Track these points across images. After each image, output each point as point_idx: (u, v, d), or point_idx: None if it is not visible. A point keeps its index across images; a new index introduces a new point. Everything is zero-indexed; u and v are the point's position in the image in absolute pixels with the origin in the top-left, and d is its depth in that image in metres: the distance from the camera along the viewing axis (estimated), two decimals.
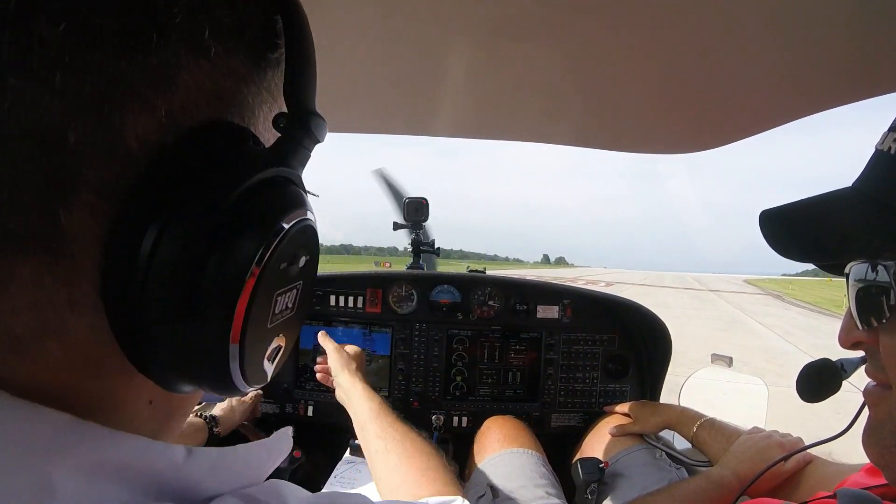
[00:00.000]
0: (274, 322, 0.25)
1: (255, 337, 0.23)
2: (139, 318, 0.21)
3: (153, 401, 0.25)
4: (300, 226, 0.24)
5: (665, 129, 0.95)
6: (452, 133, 1.07)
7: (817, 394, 0.54)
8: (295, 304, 0.27)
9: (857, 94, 0.66)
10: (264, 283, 0.22)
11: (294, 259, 0.25)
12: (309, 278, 0.28)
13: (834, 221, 0.42)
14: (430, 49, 0.67)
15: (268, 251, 0.22)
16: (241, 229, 0.21)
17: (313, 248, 0.27)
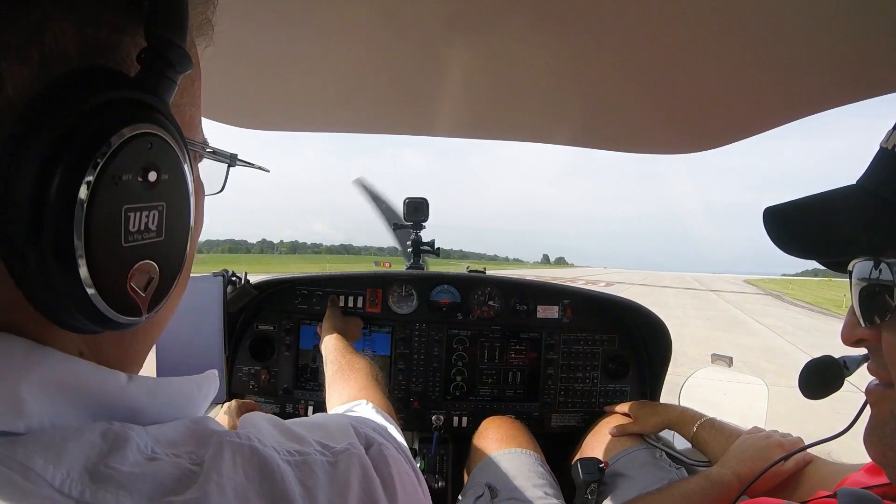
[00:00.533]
0: (131, 241, 0.25)
1: (107, 254, 0.24)
2: (18, 259, 0.22)
3: (83, 353, 0.27)
4: (141, 139, 0.24)
5: (665, 130, 0.95)
6: (452, 133, 1.07)
7: (820, 390, 0.54)
8: (161, 228, 0.27)
9: (857, 94, 0.66)
10: (102, 194, 0.23)
11: (141, 173, 0.25)
12: (176, 202, 0.28)
13: (837, 219, 0.42)
14: (430, 49, 0.67)
15: (101, 161, 0.22)
16: (72, 144, 0.22)
17: (169, 167, 0.27)
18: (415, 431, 1.35)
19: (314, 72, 0.76)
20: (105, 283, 0.24)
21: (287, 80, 0.80)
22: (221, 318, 1.10)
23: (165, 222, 0.27)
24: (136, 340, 0.32)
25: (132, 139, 0.24)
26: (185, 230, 0.29)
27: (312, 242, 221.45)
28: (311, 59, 0.71)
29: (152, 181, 0.25)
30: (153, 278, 0.27)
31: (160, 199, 0.26)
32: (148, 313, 0.27)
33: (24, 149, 0.21)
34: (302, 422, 0.37)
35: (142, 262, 0.26)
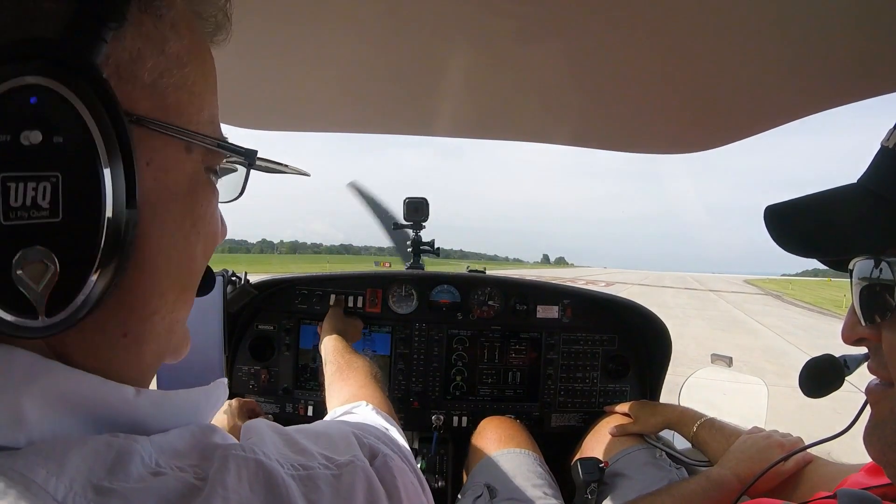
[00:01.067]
0: (14, 219, 0.21)
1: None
2: None
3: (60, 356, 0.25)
4: (21, 91, 0.21)
5: (665, 129, 0.95)
6: (452, 133, 1.07)
7: (820, 389, 0.54)
8: (57, 206, 0.22)
9: (857, 94, 0.66)
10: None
11: (22, 133, 0.21)
12: (79, 173, 0.23)
13: (838, 217, 0.42)
14: (431, 50, 0.67)
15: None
16: None
17: (67, 128, 0.22)
18: (415, 431, 1.35)
19: (315, 72, 0.76)
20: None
21: (287, 80, 0.80)
22: (221, 318, 1.10)
23: (63, 198, 0.22)
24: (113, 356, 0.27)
25: (11, 92, 0.21)
26: (95, 211, 0.23)
27: (312, 242, 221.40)
28: (312, 59, 0.71)
29: (35, 143, 0.21)
30: (50, 269, 0.22)
31: (52, 168, 0.22)
32: (50, 316, 0.22)
33: None
34: (305, 430, 0.36)
35: (30, 248, 0.22)
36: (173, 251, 0.29)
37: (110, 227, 0.24)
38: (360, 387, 0.78)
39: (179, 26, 0.28)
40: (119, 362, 0.28)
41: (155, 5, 0.27)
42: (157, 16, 0.27)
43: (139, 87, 0.26)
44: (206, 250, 0.33)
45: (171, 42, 0.27)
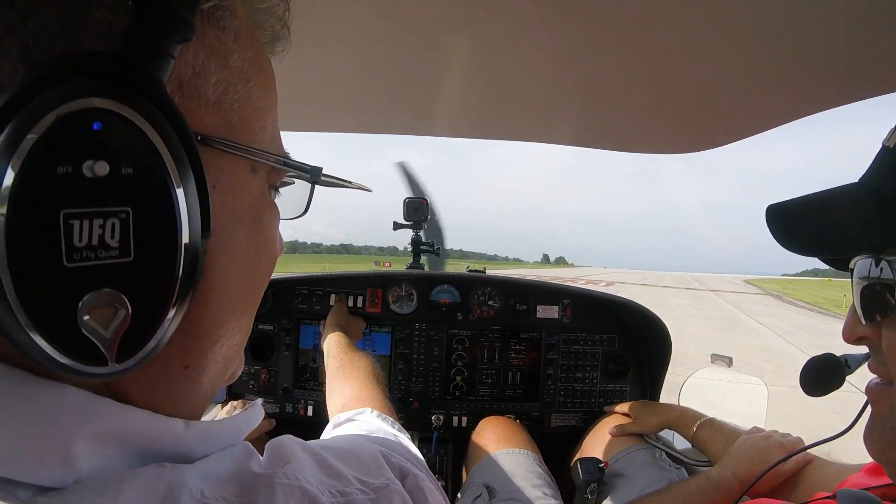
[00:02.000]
0: (77, 260, 0.19)
1: (41, 279, 0.18)
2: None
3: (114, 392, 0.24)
4: (84, 116, 0.18)
5: (665, 129, 0.95)
6: (452, 133, 1.07)
7: (820, 388, 0.54)
8: (128, 244, 0.20)
9: (857, 94, 0.66)
10: (26, 192, 0.17)
11: (87, 165, 0.19)
12: (152, 208, 0.21)
13: (839, 216, 0.42)
14: (431, 49, 0.67)
15: (22, 145, 0.17)
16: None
17: (137, 158, 0.20)
18: (415, 431, 1.35)
19: (314, 72, 0.76)
20: (45, 320, 0.19)
21: (287, 80, 0.80)
22: None
23: (134, 235, 0.20)
24: (174, 389, 0.27)
25: (70, 117, 0.18)
26: (170, 247, 0.21)
27: (312, 242, 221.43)
28: (311, 59, 0.71)
29: (101, 175, 0.19)
30: (120, 313, 0.20)
31: (121, 202, 0.20)
32: (120, 362, 0.21)
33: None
34: (333, 449, 0.35)
35: (98, 292, 0.20)
36: (238, 278, 0.28)
37: (186, 263, 0.22)
38: (361, 388, 0.77)
39: (242, 38, 0.26)
40: (177, 394, 0.27)
41: (218, 15, 0.25)
42: (220, 27, 0.25)
43: (203, 104, 0.24)
44: (268, 273, 0.31)
45: (235, 55, 0.26)
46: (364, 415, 0.62)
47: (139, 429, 0.24)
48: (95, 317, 0.20)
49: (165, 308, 0.22)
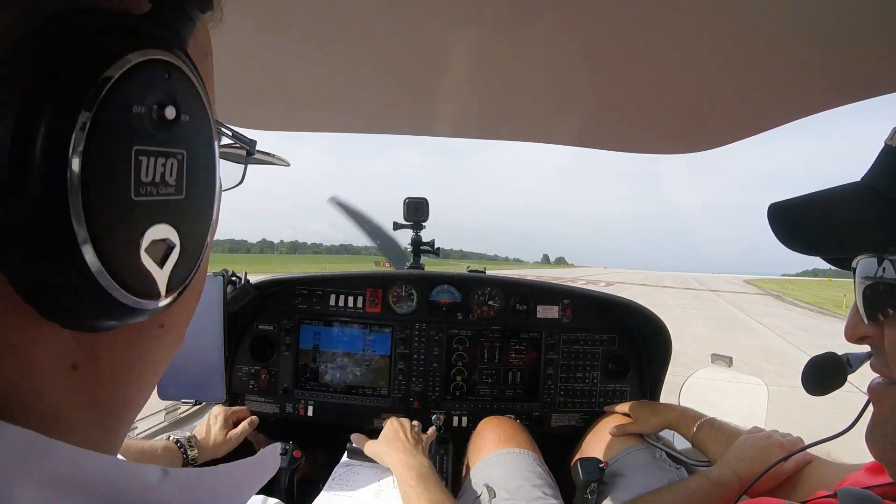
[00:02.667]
0: (143, 195, 0.20)
1: (112, 209, 0.19)
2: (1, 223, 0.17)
3: (77, 365, 0.21)
4: (157, 65, 0.20)
5: (665, 130, 0.95)
6: (452, 133, 1.07)
7: (822, 387, 0.54)
8: (181, 184, 0.22)
9: (857, 94, 0.66)
10: (107, 125, 0.18)
11: (157, 107, 0.20)
12: (199, 153, 0.23)
13: (841, 215, 0.42)
14: (431, 49, 0.67)
15: (101, 90, 0.18)
16: (67, 67, 0.18)
17: (191, 107, 0.22)
18: None
19: (314, 72, 0.76)
20: (110, 250, 0.19)
21: (287, 80, 0.80)
22: (221, 318, 1.10)
23: (186, 176, 0.22)
24: (146, 351, 0.24)
25: (145, 64, 0.20)
26: (210, 192, 0.24)
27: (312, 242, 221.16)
28: (311, 59, 0.71)
29: (170, 119, 0.21)
30: (172, 249, 0.21)
31: (180, 146, 0.21)
32: (167, 297, 0.22)
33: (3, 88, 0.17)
34: None
35: (158, 225, 0.21)
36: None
37: (216, 211, 0.24)
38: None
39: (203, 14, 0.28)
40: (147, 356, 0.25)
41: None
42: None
43: None
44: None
45: (200, 31, 0.26)
46: None
47: (98, 476, 0.19)
48: (152, 251, 0.21)
49: (203, 246, 0.24)
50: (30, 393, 0.19)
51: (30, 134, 0.17)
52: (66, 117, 0.17)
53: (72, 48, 0.18)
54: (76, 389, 0.21)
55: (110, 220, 0.19)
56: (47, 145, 0.17)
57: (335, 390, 1.33)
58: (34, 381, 0.20)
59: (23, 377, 0.19)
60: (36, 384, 0.20)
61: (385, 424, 1.09)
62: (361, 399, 1.33)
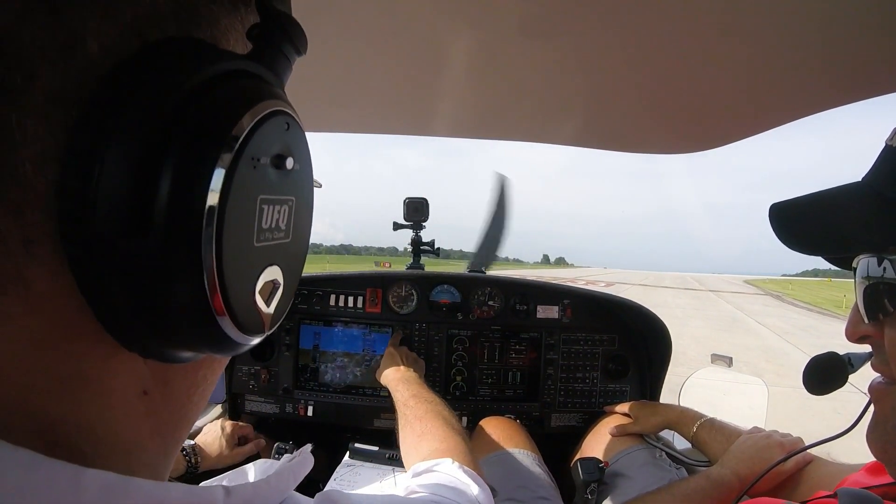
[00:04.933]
0: (263, 241, 0.21)
1: (238, 256, 0.20)
2: (102, 258, 0.17)
3: (148, 391, 0.21)
4: (279, 117, 0.21)
5: (665, 129, 0.95)
6: (452, 133, 1.07)
7: (823, 386, 0.54)
8: (289, 228, 0.23)
9: (857, 94, 0.66)
10: (238, 180, 0.19)
11: (278, 158, 0.21)
12: (303, 197, 0.24)
13: (842, 215, 0.42)
14: (431, 49, 0.67)
15: (235, 143, 0.18)
16: (199, 114, 0.18)
17: (301, 155, 0.23)
18: None
19: (314, 72, 0.76)
20: (232, 293, 0.19)
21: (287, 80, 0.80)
22: None
23: (294, 221, 0.23)
24: (209, 372, 0.25)
25: (271, 115, 0.20)
26: (307, 233, 0.25)
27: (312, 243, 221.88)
28: (311, 59, 0.71)
29: (288, 169, 0.22)
30: (277, 288, 0.23)
31: (292, 193, 0.23)
32: (268, 331, 0.23)
33: (119, 117, 0.17)
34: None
35: (270, 268, 0.22)
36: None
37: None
38: (442, 439, 0.74)
39: None
40: (208, 379, 0.25)
41: None
42: None
43: None
44: None
45: None
46: (443, 465, 0.60)
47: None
48: (263, 291, 0.22)
49: (298, 282, 0.25)
50: (101, 423, 0.19)
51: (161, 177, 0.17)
52: (205, 165, 0.18)
53: (204, 89, 0.18)
54: (145, 415, 0.21)
55: (235, 264, 0.19)
56: (184, 192, 0.17)
57: (335, 390, 1.33)
58: (106, 411, 0.20)
59: (92, 406, 0.19)
60: (108, 414, 0.20)
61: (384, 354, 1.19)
62: (361, 399, 1.33)
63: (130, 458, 0.21)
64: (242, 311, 0.20)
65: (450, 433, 0.75)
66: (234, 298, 0.19)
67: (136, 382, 0.21)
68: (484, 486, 0.56)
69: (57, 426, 0.18)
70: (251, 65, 0.21)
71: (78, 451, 0.18)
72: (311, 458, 0.30)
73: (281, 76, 0.23)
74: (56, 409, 0.18)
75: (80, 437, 0.19)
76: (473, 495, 0.51)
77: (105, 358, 0.19)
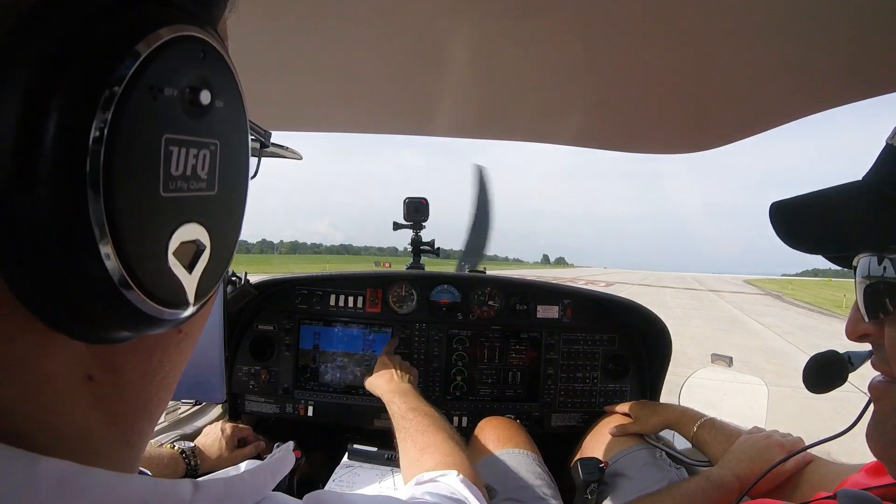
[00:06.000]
0: (172, 190, 0.18)
1: (137, 206, 0.16)
2: (4, 226, 0.15)
3: (93, 376, 0.19)
4: (191, 43, 0.18)
5: (665, 129, 0.95)
6: (452, 133, 1.07)
7: (823, 385, 0.54)
8: (213, 177, 0.19)
9: (857, 94, 0.66)
10: (134, 109, 0.16)
11: (191, 90, 0.18)
12: (233, 144, 0.20)
13: (842, 214, 0.42)
14: (431, 49, 0.67)
15: (129, 68, 0.15)
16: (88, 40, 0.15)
17: (225, 91, 0.20)
18: None
19: (314, 72, 0.76)
20: (134, 253, 0.16)
21: (287, 80, 0.80)
22: (221, 318, 1.10)
23: (219, 170, 0.20)
24: (166, 358, 0.23)
25: (180, 41, 0.17)
26: (241, 188, 0.22)
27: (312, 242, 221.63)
28: (312, 59, 0.71)
29: (205, 104, 0.18)
30: (202, 252, 0.19)
31: (213, 135, 0.19)
32: (195, 305, 0.20)
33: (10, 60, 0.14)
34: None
35: (187, 225, 0.19)
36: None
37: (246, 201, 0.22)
38: (447, 454, 0.73)
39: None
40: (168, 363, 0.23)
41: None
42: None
43: None
44: None
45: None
46: (448, 477, 0.59)
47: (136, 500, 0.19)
48: (181, 253, 0.18)
49: (233, 248, 0.21)
50: (48, 411, 0.18)
51: (41, 117, 0.14)
52: (86, 98, 0.15)
53: (94, 19, 0.16)
54: (94, 404, 0.19)
55: (135, 219, 0.16)
56: (62, 130, 0.15)
57: (335, 390, 1.33)
58: (48, 397, 0.18)
59: (36, 393, 0.18)
60: (50, 400, 0.18)
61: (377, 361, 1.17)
62: (361, 399, 1.33)
63: (86, 449, 0.19)
64: (151, 275, 0.17)
65: (454, 448, 0.74)
66: (138, 259, 0.17)
67: (77, 367, 0.19)
68: (484, 502, 0.55)
69: (5, 415, 0.17)
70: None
71: (31, 440, 0.17)
72: (291, 457, 0.29)
73: (210, 10, 0.20)
74: (3, 397, 0.17)
75: (30, 426, 0.17)
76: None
77: (39, 341, 0.17)
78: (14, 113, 0.14)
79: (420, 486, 0.58)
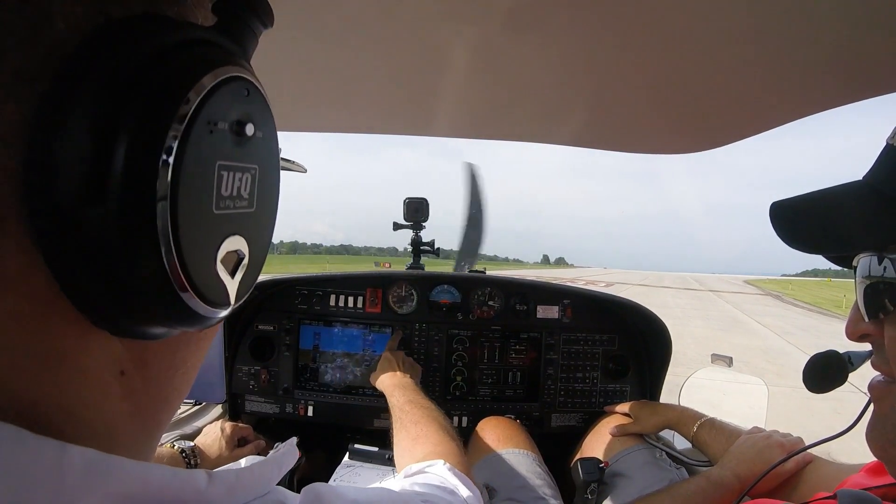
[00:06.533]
0: (222, 208, 0.21)
1: (196, 220, 0.20)
2: (63, 230, 0.17)
3: (125, 371, 0.21)
4: (238, 82, 0.21)
5: (665, 130, 0.95)
6: (452, 133, 1.07)
7: (823, 385, 0.54)
8: (253, 197, 0.23)
9: (857, 94, 0.66)
10: (194, 141, 0.19)
11: (237, 123, 0.21)
12: (268, 168, 0.24)
13: (842, 214, 0.42)
14: (431, 49, 0.67)
15: (189, 108, 0.18)
16: (154, 81, 0.18)
17: (264, 123, 0.23)
18: None
19: (314, 72, 0.76)
20: (191, 262, 0.19)
21: (287, 80, 0.80)
22: None
23: (258, 190, 0.23)
24: (189, 354, 0.25)
25: (229, 80, 0.20)
26: (274, 206, 0.25)
27: (312, 242, 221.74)
28: (311, 59, 0.71)
29: (249, 135, 0.22)
30: (242, 259, 0.23)
31: (254, 161, 0.23)
32: (234, 305, 0.23)
33: (80, 90, 0.17)
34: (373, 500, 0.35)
35: (232, 237, 0.22)
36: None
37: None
38: (437, 443, 0.75)
39: None
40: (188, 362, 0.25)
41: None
42: None
43: None
44: None
45: None
46: (436, 466, 0.60)
47: (156, 487, 0.20)
48: (225, 262, 0.22)
49: (265, 256, 0.25)
50: (79, 403, 0.20)
51: (112, 144, 0.17)
52: (158, 129, 0.18)
53: (161, 58, 0.19)
54: (123, 397, 0.21)
55: (193, 232, 0.19)
56: (136, 156, 0.17)
57: (335, 390, 1.33)
58: (81, 390, 0.20)
59: (70, 385, 0.19)
60: (84, 392, 0.20)
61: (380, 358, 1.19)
62: (361, 399, 1.33)
63: (110, 439, 0.21)
64: (203, 279, 0.20)
65: (444, 438, 0.75)
66: (193, 265, 0.19)
67: (112, 362, 0.21)
68: (474, 488, 0.56)
69: (37, 406, 0.18)
70: (213, 35, 0.21)
71: (58, 430, 0.18)
72: (296, 451, 0.31)
73: (245, 47, 0.24)
74: (36, 389, 0.18)
75: (59, 417, 0.19)
76: (463, 497, 0.52)
77: (79, 336, 0.19)
78: (84, 140, 0.17)
79: (409, 477, 0.59)
